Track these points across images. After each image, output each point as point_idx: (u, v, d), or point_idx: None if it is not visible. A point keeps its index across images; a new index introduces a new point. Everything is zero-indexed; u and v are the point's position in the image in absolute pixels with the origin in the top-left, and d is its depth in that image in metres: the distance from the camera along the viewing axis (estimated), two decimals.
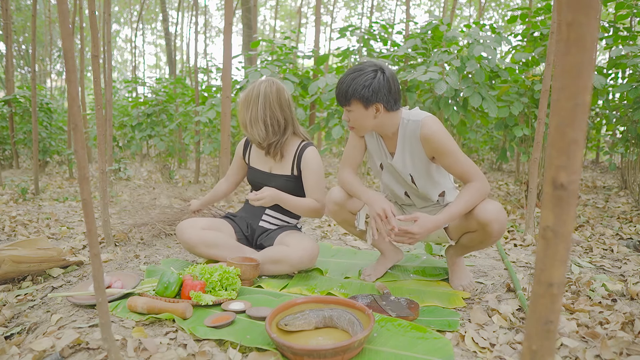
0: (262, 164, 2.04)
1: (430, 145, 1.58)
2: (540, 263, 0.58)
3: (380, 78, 1.54)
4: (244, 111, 1.93)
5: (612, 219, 3.01)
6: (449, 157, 1.56)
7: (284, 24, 16.85)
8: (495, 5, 12.27)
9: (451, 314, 1.47)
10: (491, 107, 3.04)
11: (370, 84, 1.53)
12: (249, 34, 7.84)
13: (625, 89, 3.16)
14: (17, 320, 1.47)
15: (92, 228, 0.92)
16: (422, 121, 1.57)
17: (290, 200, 1.90)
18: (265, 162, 2.03)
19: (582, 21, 0.51)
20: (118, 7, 15.02)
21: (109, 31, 2.58)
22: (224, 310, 1.47)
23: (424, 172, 1.67)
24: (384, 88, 1.55)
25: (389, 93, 1.56)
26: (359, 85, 1.53)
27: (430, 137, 1.56)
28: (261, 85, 1.91)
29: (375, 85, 1.53)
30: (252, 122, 1.92)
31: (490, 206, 1.50)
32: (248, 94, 1.92)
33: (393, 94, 1.58)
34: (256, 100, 1.90)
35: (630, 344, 1.20)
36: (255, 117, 1.91)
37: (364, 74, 1.54)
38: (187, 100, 5.73)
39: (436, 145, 1.56)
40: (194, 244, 1.86)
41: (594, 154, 7.27)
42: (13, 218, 2.96)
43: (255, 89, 1.91)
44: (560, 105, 0.54)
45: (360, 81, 1.53)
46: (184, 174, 5.86)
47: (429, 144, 1.57)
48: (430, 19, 3.49)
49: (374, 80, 1.53)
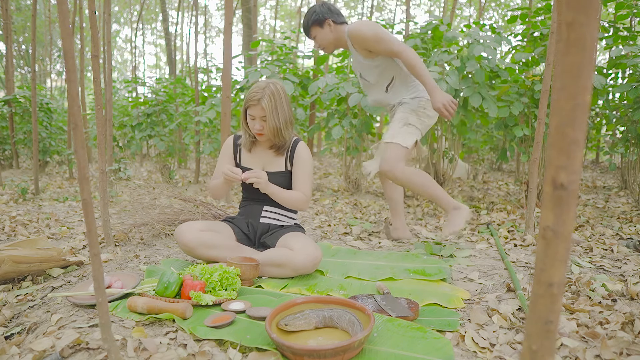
0: (254, 163, 2.06)
1: (357, 43, 2.24)
2: (540, 263, 0.58)
3: (321, 5, 2.27)
4: (275, 115, 1.91)
5: (612, 219, 3.01)
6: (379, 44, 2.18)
7: (284, 24, 16.84)
8: (495, 5, 12.27)
9: (451, 314, 1.47)
10: (491, 107, 3.04)
11: (314, 11, 2.28)
12: (249, 34, 7.84)
13: (625, 89, 3.16)
14: (17, 320, 1.47)
15: (92, 228, 0.92)
16: (347, 28, 2.25)
17: (279, 192, 1.95)
18: (257, 161, 2.06)
19: (582, 21, 0.51)
20: (118, 7, 15.02)
21: (109, 31, 2.58)
22: (224, 310, 1.47)
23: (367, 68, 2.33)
24: (325, 8, 2.27)
25: (331, 11, 2.27)
26: (310, 16, 2.29)
27: (353, 37, 2.22)
28: (274, 86, 1.92)
29: (318, 10, 2.27)
30: (286, 123, 1.95)
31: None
32: (272, 97, 1.89)
33: (334, 11, 2.29)
34: (281, 100, 1.92)
35: (630, 344, 1.20)
36: (289, 116, 1.96)
37: (309, 12, 2.30)
38: (187, 100, 5.73)
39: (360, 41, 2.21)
40: (194, 246, 1.86)
41: (594, 154, 7.27)
42: (13, 218, 2.96)
43: (275, 90, 1.90)
44: (560, 105, 0.54)
45: (309, 15, 2.29)
46: (184, 174, 5.86)
47: (356, 42, 2.24)
48: (430, 19, 3.49)
49: (317, 7, 2.28)
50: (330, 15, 2.27)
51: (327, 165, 7.24)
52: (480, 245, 2.35)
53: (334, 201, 3.74)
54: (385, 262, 2.04)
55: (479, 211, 3.33)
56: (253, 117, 1.93)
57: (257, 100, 1.89)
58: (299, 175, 2.01)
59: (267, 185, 1.91)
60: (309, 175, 2.02)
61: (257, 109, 1.90)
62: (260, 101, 1.88)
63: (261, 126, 1.93)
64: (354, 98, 3.36)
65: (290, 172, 2.05)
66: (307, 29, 2.33)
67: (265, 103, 1.88)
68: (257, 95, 1.89)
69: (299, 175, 2.01)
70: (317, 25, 2.28)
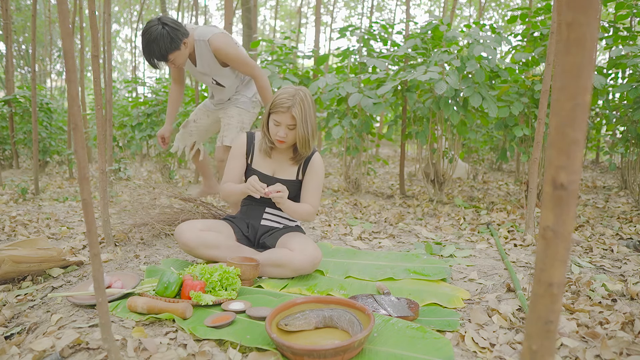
0: (265, 167, 2.01)
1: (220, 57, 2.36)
2: (540, 263, 0.58)
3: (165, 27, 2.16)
4: (305, 125, 1.83)
5: (612, 219, 3.01)
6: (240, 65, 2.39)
7: (284, 24, 16.84)
8: (495, 5, 12.27)
9: (451, 314, 1.47)
10: (491, 107, 3.04)
11: (170, 38, 2.17)
12: (249, 34, 7.84)
13: (625, 89, 3.16)
14: (17, 320, 1.47)
15: (92, 228, 0.92)
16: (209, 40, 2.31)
17: (291, 206, 1.90)
18: (268, 165, 2.01)
19: (582, 21, 0.51)
20: (118, 7, 15.02)
21: (109, 31, 2.58)
22: (224, 310, 1.47)
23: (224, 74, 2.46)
24: (176, 31, 2.19)
25: (180, 31, 2.21)
26: (164, 44, 2.17)
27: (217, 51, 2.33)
28: (303, 93, 1.84)
29: (173, 35, 2.18)
30: (313, 132, 1.87)
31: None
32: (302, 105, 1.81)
33: (180, 27, 2.22)
34: (310, 109, 1.84)
35: (630, 344, 1.20)
36: (316, 125, 1.89)
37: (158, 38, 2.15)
38: (187, 100, 5.73)
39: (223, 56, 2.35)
40: (194, 245, 1.86)
41: (594, 154, 7.26)
42: (13, 218, 2.96)
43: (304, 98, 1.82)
44: (560, 105, 0.54)
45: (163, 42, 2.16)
46: (184, 174, 5.86)
47: (219, 56, 2.36)
48: (430, 19, 3.49)
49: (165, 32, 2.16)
50: (183, 35, 2.24)
51: (327, 165, 7.24)
52: (480, 245, 2.35)
53: (334, 201, 3.73)
54: (385, 262, 2.04)
55: (479, 211, 3.33)
56: (278, 124, 1.84)
57: (286, 108, 1.79)
58: (310, 187, 1.96)
59: (284, 201, 1.85)
60: (319, 188, 1.97)
61: (286, 117, 1.80)
62: (290, 109, 1.79)
63: (285, 134, 1.84)
64: (354, 98, 3.36)
65: (301, 182, 2.00)
66: (164, 57, 2.24)
67: (296, 111, 1.79)
68: (287, 102, 1.79)
69: (310, 187, 1.96)
70: (176, 50, 2.24)
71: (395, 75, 3.40)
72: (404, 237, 2.61)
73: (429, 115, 3.51)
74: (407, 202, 3.76)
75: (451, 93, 3.04)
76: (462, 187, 4.66)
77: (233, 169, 2.02)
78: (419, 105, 3.60)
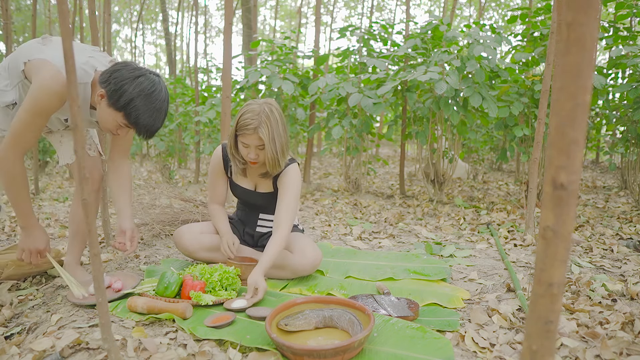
0: (246, 181, 1.92)
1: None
2: (540, 263, 0.58)
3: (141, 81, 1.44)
4: (273, 144, 1.67)
5: (612, 219, 3.01)
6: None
7: (284, 24, 16.84)
8: (495, 5, 12.26)
9: (451, 314, 1.47)
10: (491, 107, 3.04)
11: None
12: (249, 34, 7.84)
13: (625, 89, 3.16)
14: (17, 320, 1.47)
15: (92, 228, 0.92)
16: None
17: (270, 260, 1.64)
18: (248, 179, 1.92)
19: (582, 21, 0.51)
20: (118, 7, 15.02)
21: (109, 31, 2.58)
22: (226, 309, 1.47)
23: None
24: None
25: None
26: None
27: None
28: (269, 108, 1.67)
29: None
30: (283, 150, 1.71)
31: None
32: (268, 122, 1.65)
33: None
34: (277, 125, 1.68)
35: (630, 344, 1.20)
36: (286, 141, 1.72)
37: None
38: (187, 100, 5.73)
39: None
40: (194, 249, 1.86)
41: (594, 154, 7.26)
42: (13, 218, 2.96)
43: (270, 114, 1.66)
44: (560, 105, 0.54)
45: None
46: (184, 174, 5.86)
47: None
48: (430, 19, 3.49)
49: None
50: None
51: (327, 165, 7.24)
52: (480, 245, 2.35)
53: (334, 201, 3.73)
54: (385, 262, 2.04)
55: (479, 211, 3.33)
56: (247, 146, 1.69)
57: (252, 129, 1.64)
58: (282, 203, 1.76)
59: (263, 282, 1.57)
60: (293, 202, 1.77)
61: (253, 138, 1.66)
62: (256, 130, 1.64)
63: (256, 155, 1.70)
64: (354, 98, 3.36)
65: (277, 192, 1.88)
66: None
67: (262, 132, 1.64)
68: (252, 123, 1.63)
69: (282, 202, 1.76)
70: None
71: (395, 75, 3.40)
72: (404, 237, 2.61)
73: (429, 115, 3.51)
74: (407, 202, 3.76)
75: (451, 93, 3.04)
76: (462, 187, 4.66)
77: (215, 188, 1.94)
78: (419, 105, 3.60)
